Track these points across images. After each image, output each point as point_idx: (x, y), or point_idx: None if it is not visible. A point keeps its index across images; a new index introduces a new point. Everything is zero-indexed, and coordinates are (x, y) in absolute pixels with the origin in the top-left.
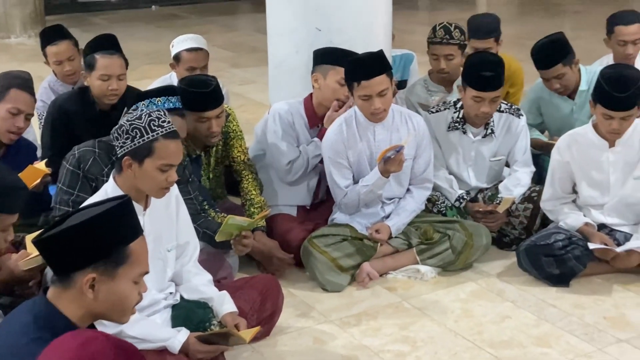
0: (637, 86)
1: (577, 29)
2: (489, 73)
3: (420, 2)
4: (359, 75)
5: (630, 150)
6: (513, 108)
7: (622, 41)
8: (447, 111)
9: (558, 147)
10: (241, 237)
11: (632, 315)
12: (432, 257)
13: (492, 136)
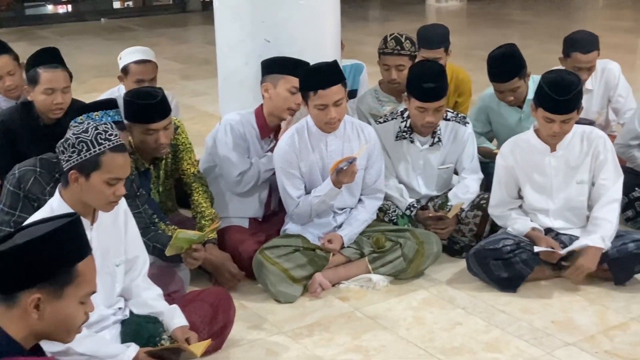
0: (577, 90)
1: (524, 38)
2: (431, 84)
3: (371, 13)
4: (316, 84)
5: (571, 154)
6: (459, 116)
7: (577, 67)
8: (395, 121)
9: (502, 153)
10: (192, 250)
11: (579, 319)
12: (384, 266)
13: (439, 144)
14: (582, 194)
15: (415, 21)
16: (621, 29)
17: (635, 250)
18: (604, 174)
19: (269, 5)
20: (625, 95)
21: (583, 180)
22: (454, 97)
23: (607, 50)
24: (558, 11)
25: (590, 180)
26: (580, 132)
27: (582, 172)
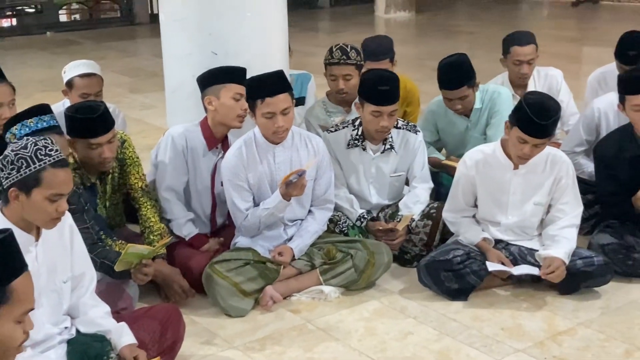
0: (556, 117)
1: (472, 48)
2: (386, 87)
3: (320, 24)
4: (263, 93)
5: (533, 175)
6: (410, 125)
7: (518, 61)
8: (346, 129)
9: (465, 161)
10: (142, 265)
11: (527, 325)
12: (335, 277)
13: (391, 152)
14: (537, 215)
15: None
16: (565, 38)
17: (583, 267)
18: (564, 199)
19: (216, 18)
20: (567, 100)
21: (541, 202)
22: (403, 107)
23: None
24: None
25: (547, 202)
26: (545, 153)
27: (542, 194)
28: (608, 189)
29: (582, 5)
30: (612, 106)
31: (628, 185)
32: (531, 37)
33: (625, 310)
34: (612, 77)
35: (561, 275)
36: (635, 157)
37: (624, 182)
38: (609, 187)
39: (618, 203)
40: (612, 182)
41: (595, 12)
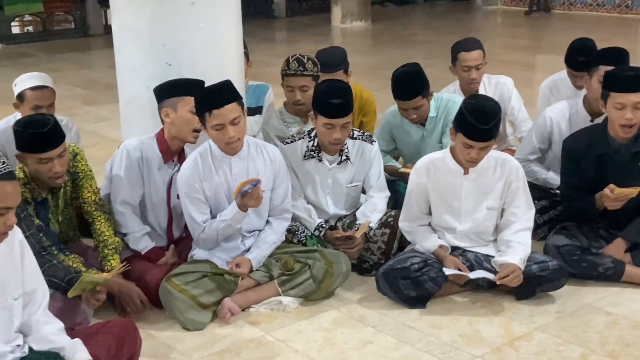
0: (497, 118)
1: (428, 58)
2: (338, 100)
3: (277, 35)
4: (210, 105)
5: (484, 179)
6: (365, 135)
7: (466, 67)
8: (302, 141)
9: (416, 169)
10: (94, 291)
11: (485, 331)
12: (294, 288)
13: (347, 162)
14: (490, 220)
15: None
16: (518, 47)
17: (539, 272)
18: (516, 202)
19: (169, 29)
20: (518, 107)
21: (493, 206)
22: (359, 117)
23: (506, 67)
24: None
25: (500, 207)
26: (495, 157)
27: (493, 198)
28: (571, 183)
29: (535, 14)
30: (563, 114)
31: (591, 182)
32: (478, 43)
33: (580, 314)
34: (563, 84)
35: (517, 280)
36: (604, 154)
37: (588, 178)
38: (572, 182)
39: (579, 198)
40: (576, 177)
41: (548, 21)
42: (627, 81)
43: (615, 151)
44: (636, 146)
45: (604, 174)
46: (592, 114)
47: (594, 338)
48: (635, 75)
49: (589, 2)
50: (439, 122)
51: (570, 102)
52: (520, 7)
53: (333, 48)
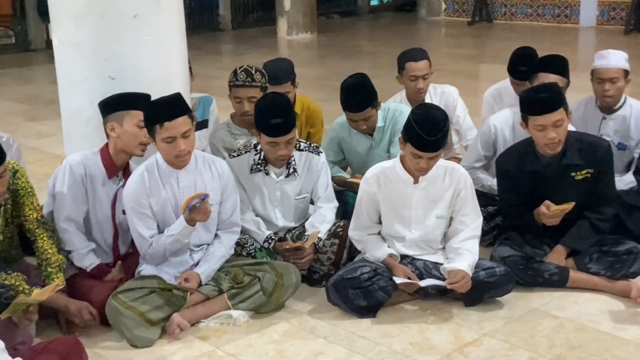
0: (445, 128)
1: (374, 68)
2: (278, 120)
3: (223, 47)
4: (162, 117)
5: (433, 188)
6: (312, 146)
7: (414, 76)
8: (248, 154)
9: (367, 179)
10: (27, 311)
11: (435, 338)
12: (244, 301)
13: (294, 175)
14: (439, 228)
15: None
16: (463, 56)
17: (486, 278)
18: (464, 211)
19: (111, 42)
20: (463, 116)
21: (442, 215)
22: (307, 129)
23: (451, 76)
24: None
25: (448, 215)
26: (444, 166)
27: (442, 206)
28: (509, 201)
29: (478, 24)
30: (507, 122)
31: (529, 197)
32: (424, 52)
33: (528, 319)
34: (506, 92)
35: (466, 286)
36: (535, 172)
37: (525, 194)
38: (510, 199)
39: (520, 215)
40: (513, 195)
41: (490, 31)
42: (542, 103)
43: (546, 167)
44: (565, 159)
45: (539, 190)
46: None
47: (541, 342)
48: (548, 96)
49: (529, 13)
50: (387, 132)
51: (514, 109)
52: (463, 17)
53: (280, 60)
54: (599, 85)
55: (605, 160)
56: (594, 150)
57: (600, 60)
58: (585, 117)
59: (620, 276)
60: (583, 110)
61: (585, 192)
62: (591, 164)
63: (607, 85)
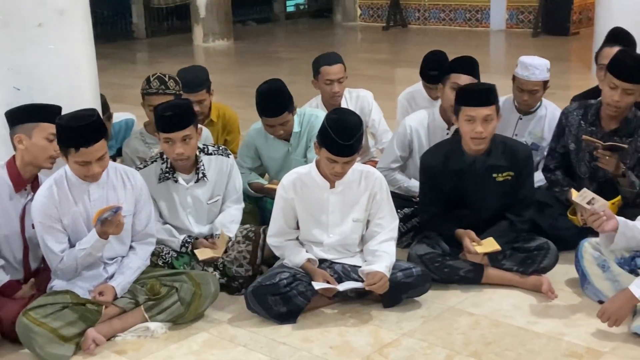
0: (360, 133)
1: (292, 74)
2: (170, 112)
3: (138, 56)
4: (77, 142)
5: (349, 192)
6: (220, 149)
7: (329, 80)
8: (155, 164)
9: (283, 184)
10: None
11: (355, 341)
12: (161, 313)
13: (204, 180)
14: (356, 232)
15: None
16: (378, 61)
17: (403, 279)
18: (381, 213)
19: (15, 52)
20: (379, 119)
21: (359, 218)
22: (224, 136)
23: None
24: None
25: (365, 218)
26: (359, 170)
27: (359, 210)
28: (429, 198)
29: (393, 29)
30: (422, 123)
31: (450, 196)
32: (338, 57)
33: (445, 317)
34: (420, 95)
35: (384, 287)
36: (459, 170)
37: (446, 192)
38: (430, 196)
39: (437, 213)
40: (434, 192)
41: (405, 35)
42: (477, 96)
43: (470, 165)
44: (490, 159)
45: (461, 188)
46: (448, 122)
47: (458, 339)
48: (485, 90)
49: (442, 17)
50: (303, 137)
51: (428, 111)
52: (379, 22)
53: (194, 67)
54: (519, 93)
55: (526, 164)
56: (516, 154)
57: (523, 71)
58: (503, 117)
59: (532, 271)
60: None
61: (504, 194)
62: (512, 167)
63: (527, 96)
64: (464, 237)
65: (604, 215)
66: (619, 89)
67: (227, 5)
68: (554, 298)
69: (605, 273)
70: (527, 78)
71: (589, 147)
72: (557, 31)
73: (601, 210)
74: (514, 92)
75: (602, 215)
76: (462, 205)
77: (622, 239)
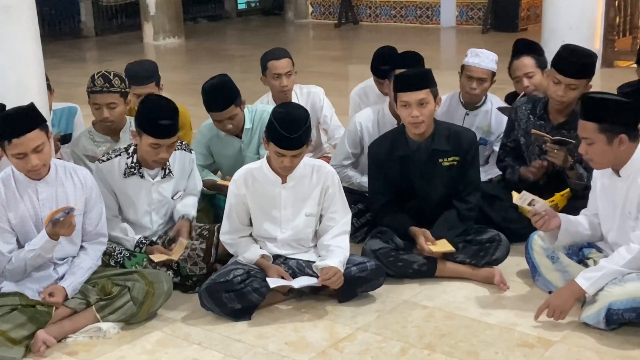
0: (306, 126)
1: (244, 71)
2: (167, 121)
3: (87, 54)
4: (9, 133)
5: (301, 187)
6: (183, 144)
7: (277, 74)
8: (119, 158)
9: (235, 180)
10: None
11: (310, 336)
12: (114, 312)
13: (170, 175)
14: (310, 226)
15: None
16: (330, 58)
17: (358, 273)
18: (333, 208)
19: None
20: (330, 115)
21: (312, 213)
22: None
23: (319, 78)
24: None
25: (318, 213)
26: (310, 165)
27: (311, 204)
28: (377, 187)
29: (344, 26)
30: (370, 119)
31: (397, 183)
32: (285, 51)
33: (399, 311)
34: (371, 91)
35: (339, 282)
36: (405, 156)
37: (393, 180)
38: (378, 186)
39: (385, 202)
40: (381, 182)
41: (357, 32)
42: (409, 80)
43: (415, 151)
44: (434, 144)
45: (407, 175)
46: (397, 117)
47: (412, 332)
48: (416, 74)
49: (393, 14)
50: (255, 133)
51: (377, 107)
52: (330, 20)
53: (143, 61)
54: (468, 81)
55: (470, 149)
56: (460, 139)
57: (473, 58)
58: (449, 113)
59: (484, 264)
60: (447, 106)
61: (451, 179)
62: (457, 152)
63: (475, 84)
64: (418, 236)
65: (545, 214)
66: (562, 84)
67: (178, 3)
68: (505, 290)
69: (555, 264)
70: (478, 65)
71: (538, 141)
72: (506, 28)
73: (542, 210)
74: (462, 82)
75: (544, 214)
76: (411, 194)
77: (566, 235)
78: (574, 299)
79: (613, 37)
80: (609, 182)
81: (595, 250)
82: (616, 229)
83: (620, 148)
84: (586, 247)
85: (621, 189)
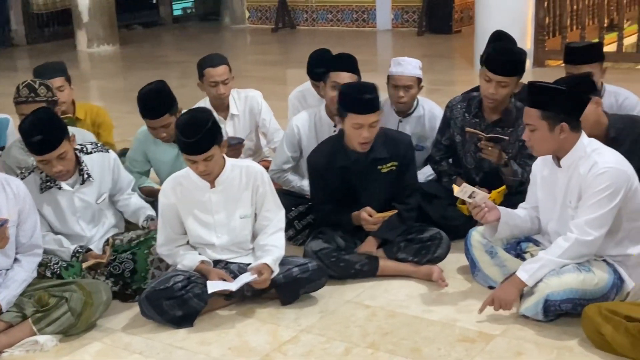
0: (207, 128)
1: (182, 77)
2: (38, 137)
3: (19, 63)
4: None
5: (231, 189)
6: (99, 145)
7: (214, 82)
8: (33, 174)
9: (164, 190)
10: None
11: (253, 340)
12: (51, 324)
13: (90, 180)
14: (246, 228)
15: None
16: (268, 62)
17: (299, 274)
18: (266, 206)
19: None
20: (269, 118)
21: (246, 214)
22: (95, 130)
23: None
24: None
25: (252, 213)
26: (238, 166)
27: (244, 206)
28: (321, 197)
29: (282, 31)
30: (307, 122)
31: (339, 192)
32: (223, 58)
33: (342, 311)
34: (309, 94)
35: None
36: (344, 167)
37: (335, 189)
38: (321, 196)
39: (330, 211)
40: (324, 191)
41: (294, 37)
42: (363, 104)
43: (354, 162)
44: (372, 154)
45: (349, 184)
46: (333, 119)
47: (355, 332)
48: (370, 98)
49: (330, 18)
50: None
51: (314, 110)
52: (267, 24)
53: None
54: (394, 90)
55: (407, 153)
56: (397, 144)
57: (396, 67)
58: (383, 120)
59: (426, 261)
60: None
61: (391, 184)
62: (395, 157)
63: (402, 92)
64: (361, 212)
65: (485, 207)
66: (493, 81)
67: (111, 10)
68: (445, 286)
69: (493, 259)
70: (402, 73)
71: (473, 139)
72: (440, 30)
73: (482, 202)
74: (390, 92)
75: (484, 207)
76: (353, 200)
77: (506, 227)
78: (518, 290)
79: (543, 37)
80: (550, 173)
81: (532, 244)
82: (556, 219)
83: (562, 136)
84: (524, 242)
85: (562, 179)
